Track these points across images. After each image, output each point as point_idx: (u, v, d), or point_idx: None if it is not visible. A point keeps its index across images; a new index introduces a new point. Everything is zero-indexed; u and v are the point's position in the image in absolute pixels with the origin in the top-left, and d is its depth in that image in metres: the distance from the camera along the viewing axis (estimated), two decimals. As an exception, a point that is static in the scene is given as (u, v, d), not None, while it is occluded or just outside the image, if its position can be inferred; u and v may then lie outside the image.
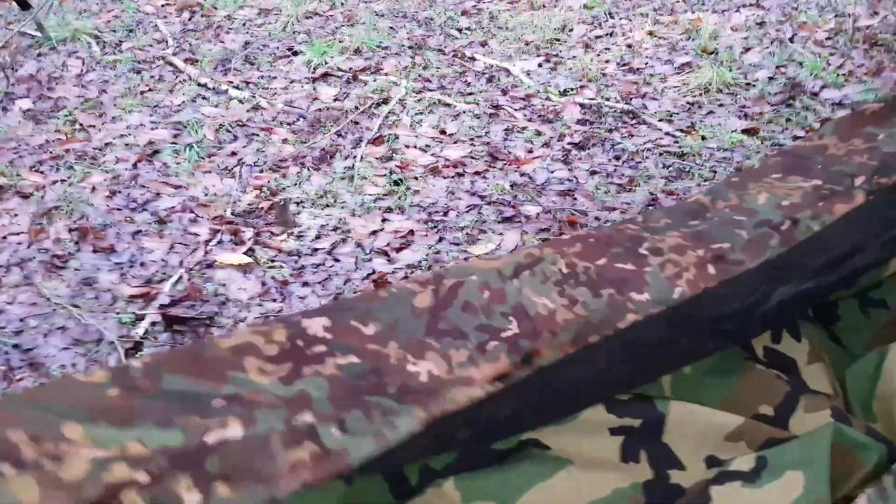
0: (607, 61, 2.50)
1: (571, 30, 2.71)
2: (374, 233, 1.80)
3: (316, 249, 1.76)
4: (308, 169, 2.04)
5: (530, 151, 2.06)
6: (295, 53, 2.63)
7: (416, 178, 1.97)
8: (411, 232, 1.79)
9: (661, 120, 2.17)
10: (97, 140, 2.12)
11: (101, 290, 1.57)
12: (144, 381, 0.35)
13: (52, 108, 2.29)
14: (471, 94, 2.35)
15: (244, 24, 2.87)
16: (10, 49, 2.60)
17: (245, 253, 1.71)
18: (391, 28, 2.78)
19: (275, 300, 1.61)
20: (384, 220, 1.85)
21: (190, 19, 2.92)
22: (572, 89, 2.36)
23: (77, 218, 1.78)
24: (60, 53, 2.60)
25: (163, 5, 2.98)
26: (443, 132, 2.16)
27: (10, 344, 1.40)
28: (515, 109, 2.26)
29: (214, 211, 1.86)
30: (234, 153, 2.11)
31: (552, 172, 1.98)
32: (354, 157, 2.07)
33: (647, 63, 2.47)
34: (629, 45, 2.58)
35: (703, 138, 2.07)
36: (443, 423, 0.38)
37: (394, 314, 0.41)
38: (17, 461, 0.31)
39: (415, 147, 2.10)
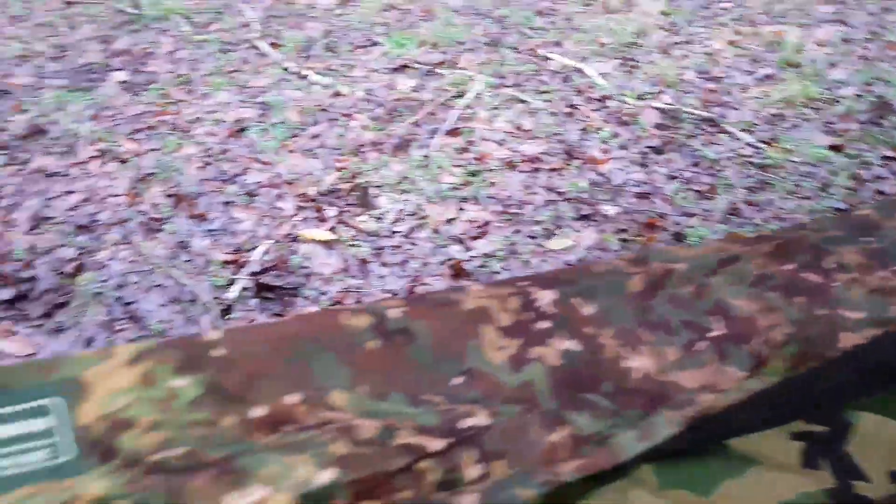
0: (685, 68, 2.51)
1: (648, 35, 2.73)
2: (450, 220, 1.85)
3: (394, 232, 1.82)
4: (386, 155, 2.10)
5: (606, 152, 2.09)
6: (374, 44, 2.70)
7: (491, 171, 2.02)
8: (487, 222, 1.84)
9: (741, 130, 2.18)
10: (188, 114, 2.21)
11: (195, 253, 1.65)
12: (400, 337, 0.37)
13: (145, 82, 2.39)
14: (546, 92, 2.39)
15: (324, 13, 2.95)
16: (107, 24, 2.72)
17: (329, 230, 1.78)
18: (467, 24, 2.83)
19: (354, 277, 1.67)
20: (460, 208, 1.90)
21: (274, 5, 3.01)
22: (649, 94, 2.37)
23: (171, 185, 1.87)
24: (153, 31, 2.71)
25: (249, -10, 3.08)
26: (519, 128, 2.21)
27: (114, 297, 1.49)
28: (591, 110, 2.29)
29: (298, 189, 1.94)
30: (316, 136, 2.18)
31: (629, 174, 2.00)
32: (430, 146, 2.13)
33: (726, 73, 2.48)
34: (708, 54, 2.59)
35: (787, 151, 2.07)
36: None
37: (608, 297, 0.42)
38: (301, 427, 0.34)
39: (491, 140, 2.15)
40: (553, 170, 2.02)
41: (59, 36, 2.74)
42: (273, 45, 2.66)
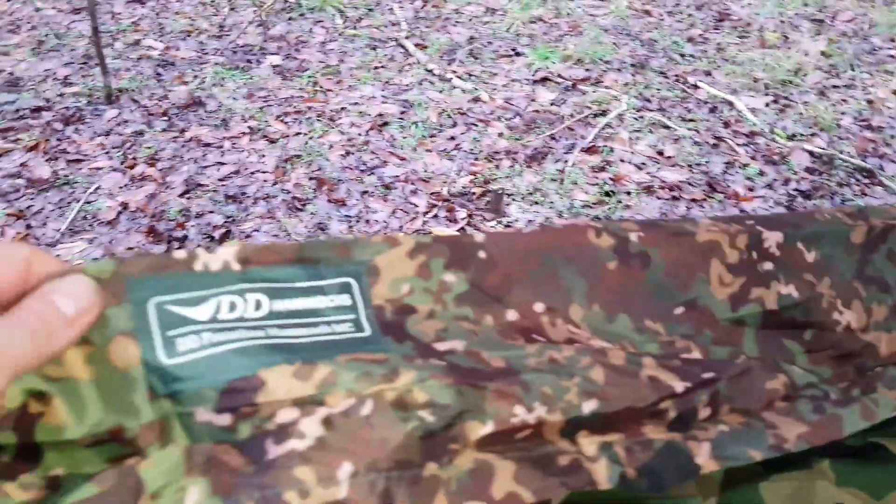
0: (843, 113, 2.37)
1: (805, 74, 2.60)
2: (580, 237, 1.82)
3: (523, 242, 1.81)
4: (520, 165, 2.09)
5: (751, 189, 2.01)
6: (517, 54, 2.71)
7: (627, 194, 1.98)
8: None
9: (898, 183, 2.04)
10: (334, 104, 2.29)
11: (331, 236, 1.70)
12: (637, 260, 0.37)
13: (297, 68, 2.50)
14: (692, 120, 2.32)
15: (470, 20, 2.99)
16: (266, 9, 2.86)
17: (458, 231, 1.79)
18: (614, 44, 2.79)
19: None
20: (591, 227, 1.86)
21: (422, 7, 3.08)
22: (801, 135, 2.26)
23: (315, 169, 1.93)
24: (309, 21, 2.83)
25: (401, -9, 3.17)
26: (660, 153, 2.15)
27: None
28: (738, 144, 2.20)
29: (432, 187, 1.96)
30: (452, 138, 2.20)
31: (771, 214, 1.91)
32: (566, 161, 2.11)
33: (889, 122, 2.33)
34: (870, 101, 2.44)
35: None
36: None
37: (831, 245, 0.40)
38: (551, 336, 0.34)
39: (630, 163, 2.10)
40: (693, 200, 1.96)
41: (221, 16, 2.90)
42: (419, 45, 2.71)
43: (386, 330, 0.31)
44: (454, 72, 2.56)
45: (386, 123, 2.22)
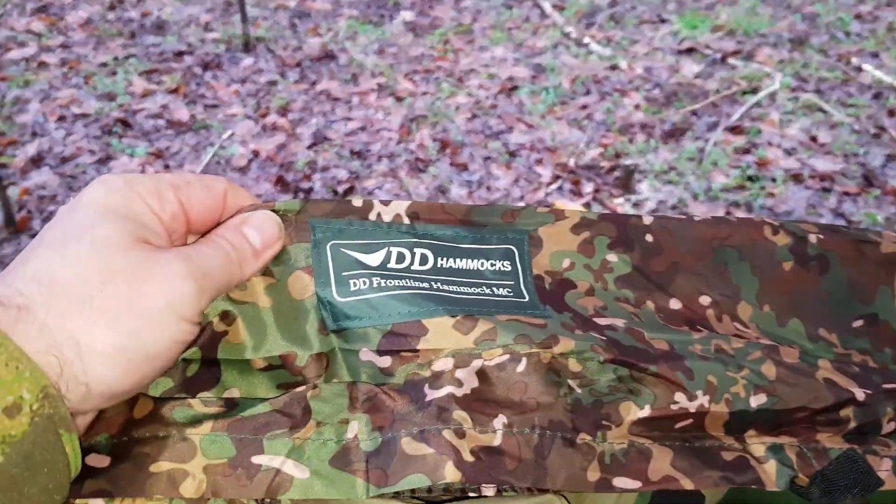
0: None
1: None
2: (715, 224, 1.70)
3: (652, 223, 1.71)
4: (655, 140, 1.97)
5: (917, 186, 1.79)
6: (662, 21, 2.54)
7: (773, 180, 1.82)
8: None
9: None
10: (464, 64, 2.24)
11: (451, 200, 1.66)
12: (816, 263, 0.35)
13: (430, 26, 2.46)
14: (852, 105, 2.10)
15: (613, -18, 2.83)
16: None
17: (583, 205, 1.71)
18: (771, 16, 2.56)
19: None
20: (727, 213, 1.73)
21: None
22: (983, 129, 2.00)
23: (440, 130, 1.90)
24: (445, -23, 2.77)
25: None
26: (813, 139, 1.96)
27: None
28: (906, 135, 1.97)
29: (559, 157, 1.88)
30: (584, 106, 2.10)
31: (939, 216, 1.70)
32: (707, 140, 1.96)
33: None
34: None
35: None
36: None
37: None
38: None
39: (778, 146, 1.93)
40: (846, 193, 1.77)
41: (360, -30, 2.90)
42: (556, 7, 2.60)
43: (545, 299, 0.31)
44: (593, 36, 2.44)
45: (516, 87, 2.14)
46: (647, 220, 0.34)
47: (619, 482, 0.28)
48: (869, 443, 0.31)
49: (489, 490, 0.29)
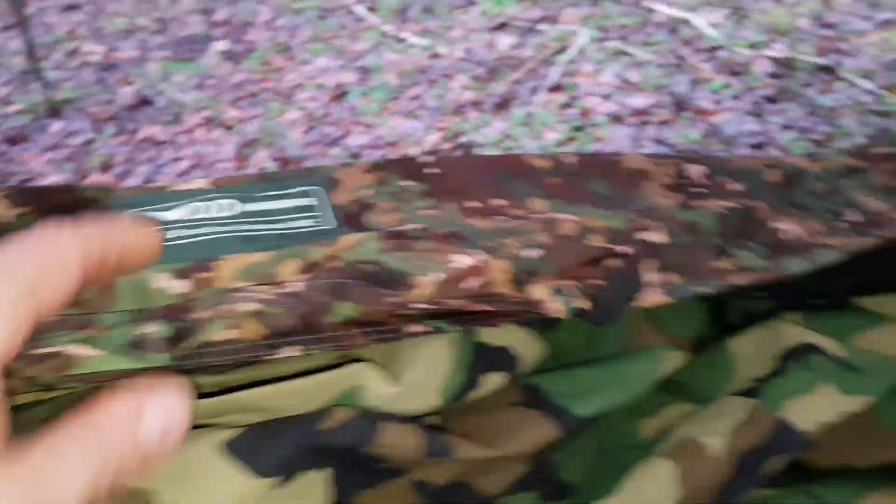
0: (799, 15, 2.34)
1: (760, -19, 2.56)
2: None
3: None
4: (488, 113, 2.05)
5: (718, 103, 1.98)
6: (471, 3, 2.64)
7: (596, 125, 1.94)
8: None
9: (860, 77, 2.01)
10: (289, 80, 2.23)
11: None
12: (577, 178, 0.38)
13: (246, 51, 2.43)
14: (653, 44, 2.28)
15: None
16: (205, -3, 2.77)
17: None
18: (565, -20, 2.73)
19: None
20: (566, 165, 1.83)
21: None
22: (761, 42, 2.23)
23: (277, 149, 1.88)
24: (251, 1, 2.74)
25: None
26: (626, 81, 2.11)
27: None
28: (701, 61, 2.16)
29: (401, 149, 1.92)
30: (416, 97, 2.15)
31: (742, 125, 1.88)
32: (532, 103, 2.06)
33: (843, 19, 2.29)
34: (823, 0, 2.40)
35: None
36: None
37: (751, 181, 0.42)
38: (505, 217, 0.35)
39: (596, 95, 2.06)
40: (662, 122, 1.93)
41: (161, 10, 2.81)
42: (370, 9, 2.64)
43: (347, 223, 0.33)
44: (409, 30, 2.50)
45: (345, 93, 2.16)
46: (429, 158, 0.37)
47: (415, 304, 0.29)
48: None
49: (294, 350, 0.28)
